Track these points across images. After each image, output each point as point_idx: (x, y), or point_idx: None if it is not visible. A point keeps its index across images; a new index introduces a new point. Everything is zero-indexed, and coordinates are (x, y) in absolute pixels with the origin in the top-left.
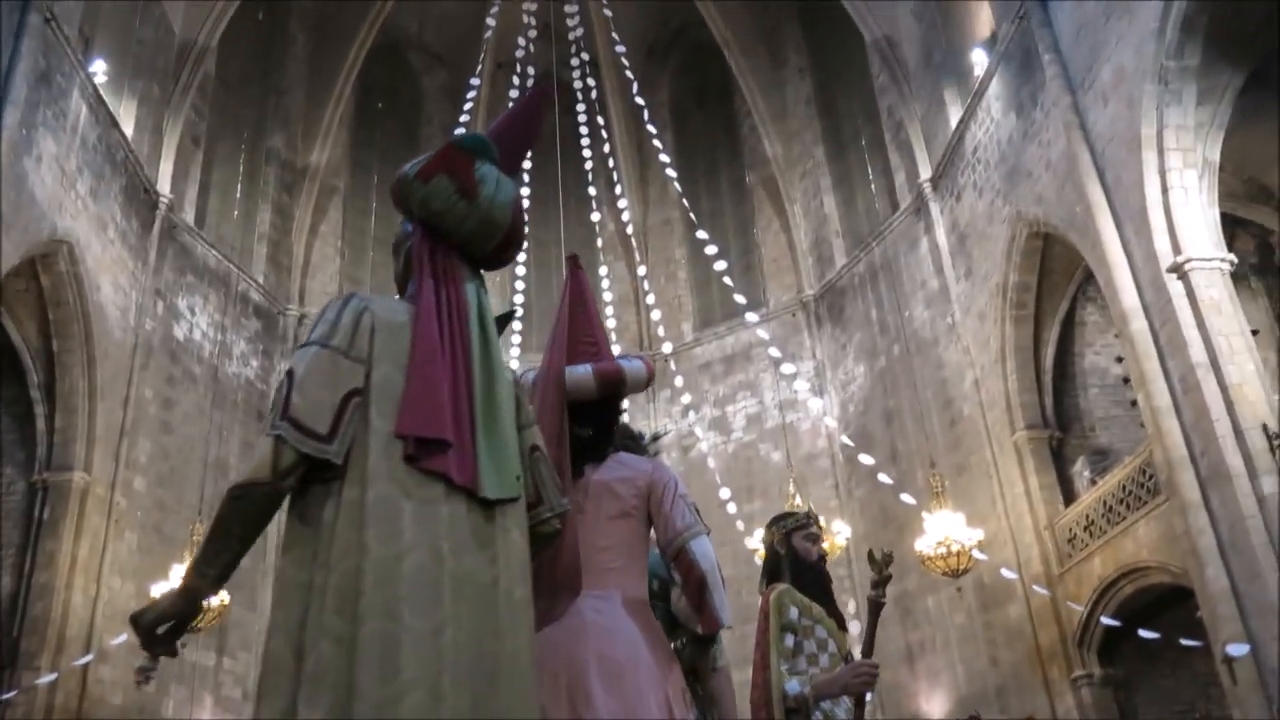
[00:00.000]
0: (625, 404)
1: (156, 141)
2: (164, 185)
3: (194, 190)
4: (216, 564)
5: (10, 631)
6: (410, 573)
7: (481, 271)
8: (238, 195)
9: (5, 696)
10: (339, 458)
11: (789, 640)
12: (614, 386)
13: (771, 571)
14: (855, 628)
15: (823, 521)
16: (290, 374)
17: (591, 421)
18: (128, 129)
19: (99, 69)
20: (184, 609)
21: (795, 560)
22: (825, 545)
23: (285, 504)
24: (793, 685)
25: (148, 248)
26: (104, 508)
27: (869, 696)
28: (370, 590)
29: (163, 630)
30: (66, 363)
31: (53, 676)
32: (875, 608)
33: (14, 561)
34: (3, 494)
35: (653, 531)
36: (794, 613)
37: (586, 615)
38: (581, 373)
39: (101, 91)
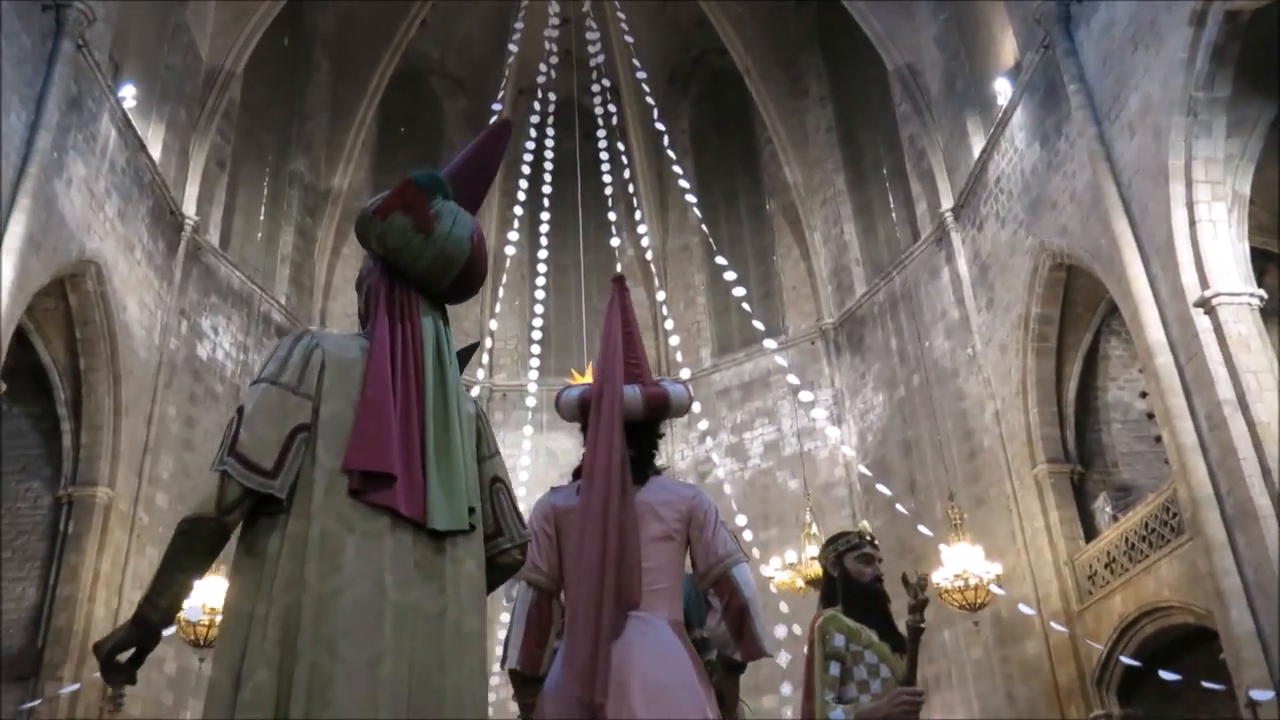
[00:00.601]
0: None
1: (183, 165)
2: (189, 207)
3: (219, 212)
4: (166, 595)
5: (34, 642)
6: (349, 606)
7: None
8: (261, 217)
9: (29, 705)
10: (282, 492)
11: (834, 668)
12: (660, 410)
13: (826, 595)
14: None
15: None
16: (240, 410)
17: (635, 442)
18: (155, 152)
19: (128, 94)
20: (139, 639)
21: (847, 582)
22: (879, 566)
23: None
24: (837, 714)
25: (173, 268)
26: (126, 523)
27: None
28: (308, 624)
29: (124, 659)
30: (93, 381)
31: (75, 686)
32: (914, 633)
33: (39, 574)
34: (29, 508)
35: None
36: (839, 639)
37: (631, 636)
38: (630, 394)
39: (130, 116)
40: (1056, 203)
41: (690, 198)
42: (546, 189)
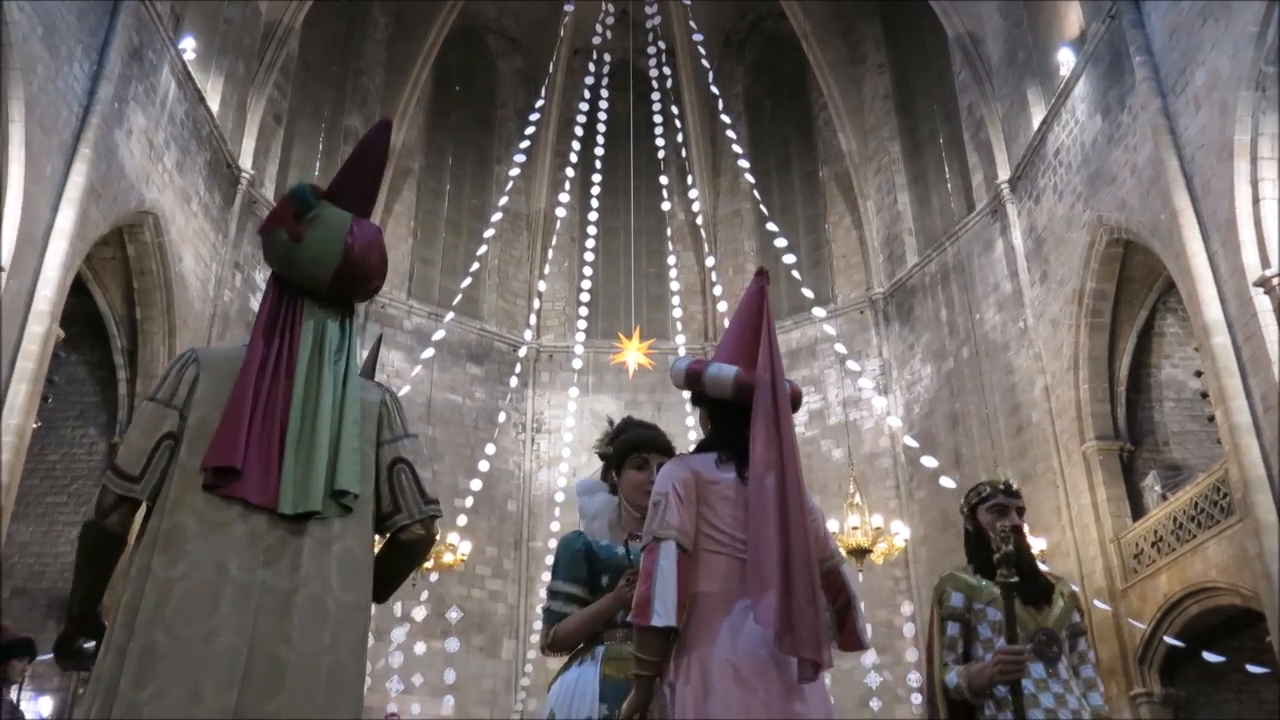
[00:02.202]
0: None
1: (240, 118)
2: (246, 161)
3: (274, 167)
4: (78, 593)
5: None
6: (189, 588)
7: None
8: (316, 172)
9: (86, 645)
10: (143, 494)
11: (952, 629)
12: (795, 406)
13: (967, 552)
14: (910, 629)
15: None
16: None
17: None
18: (213, 105)
19: (188, 46)
20: (74, 633)
21: (979, 536)
22: (1018, 515)
23: None
24: (950, 678)
25: (228, 221)
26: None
27: (1029, 685)
28: (149, 607)
29: (79, 647)
30: (148, 330)
31: None
32: (1006, 591)
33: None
34: (85, 454)
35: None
36: (957, 599)
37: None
38: (724, 375)
39: (190, 68)
40: (1116, 177)
41: (743, 163)
42: (599, 151)
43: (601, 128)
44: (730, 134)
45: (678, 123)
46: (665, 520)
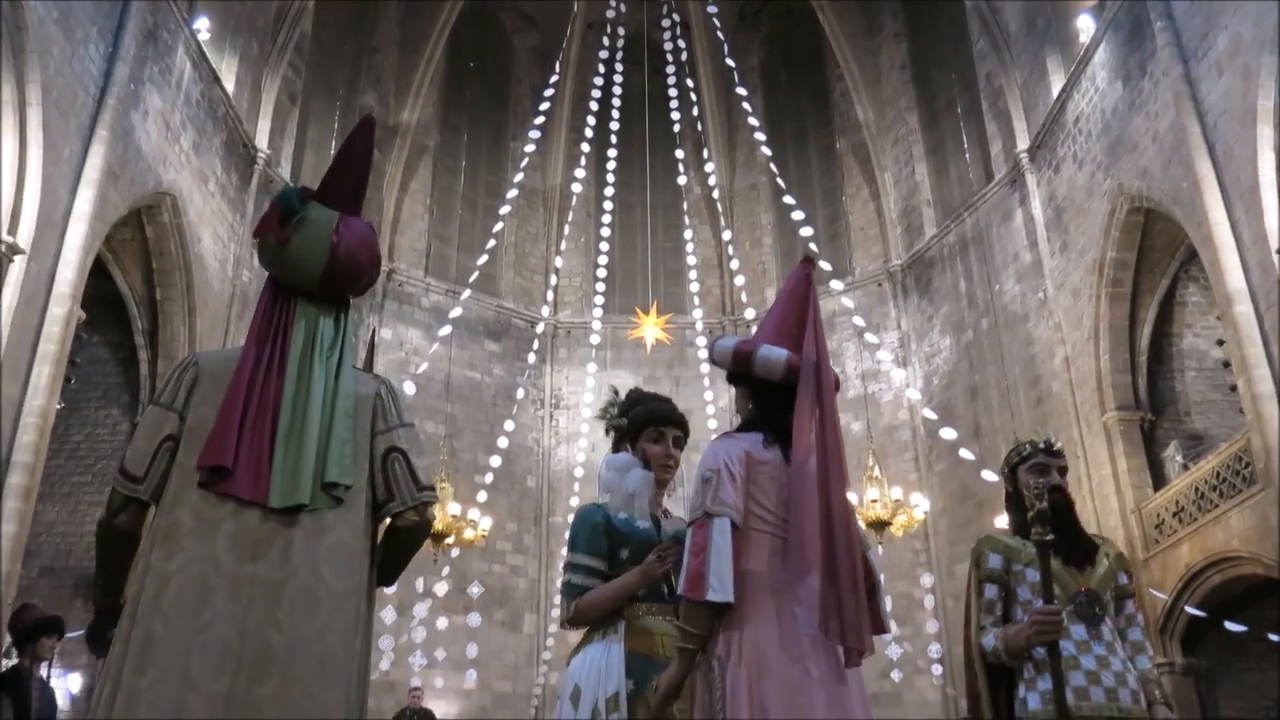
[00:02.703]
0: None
1: (255, 98)
2: (262, 141)
3: (290, 146)
4: (100, 584)
5: None
6: (185, 581)
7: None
8: (331, 151)
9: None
10: (147, 494)
11: (990, 591)
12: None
13: (1009, 515)
14: (930, 601)
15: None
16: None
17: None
18: (228, 85)
19: (202, 26)
20: (101, 621)
21: (1019, 498)
22: (1060, 474)
23: None
24: (987, 641)
25: (245, 201)
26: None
27: (1070, 646)
28: (149, 599)
29: (108, 636)
30: (169, 311)
31: None
32: (1042, 549)
33: None
34: (108, 434)
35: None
36: (995, 560)
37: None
38: (775, 357)
39: (204, 49)
40: (1137, 144)
41: (759, 136)
42: (614, 126)
43: (616, 102)
44: (746, 107)
45: (693, 96)
46: (719, 497)
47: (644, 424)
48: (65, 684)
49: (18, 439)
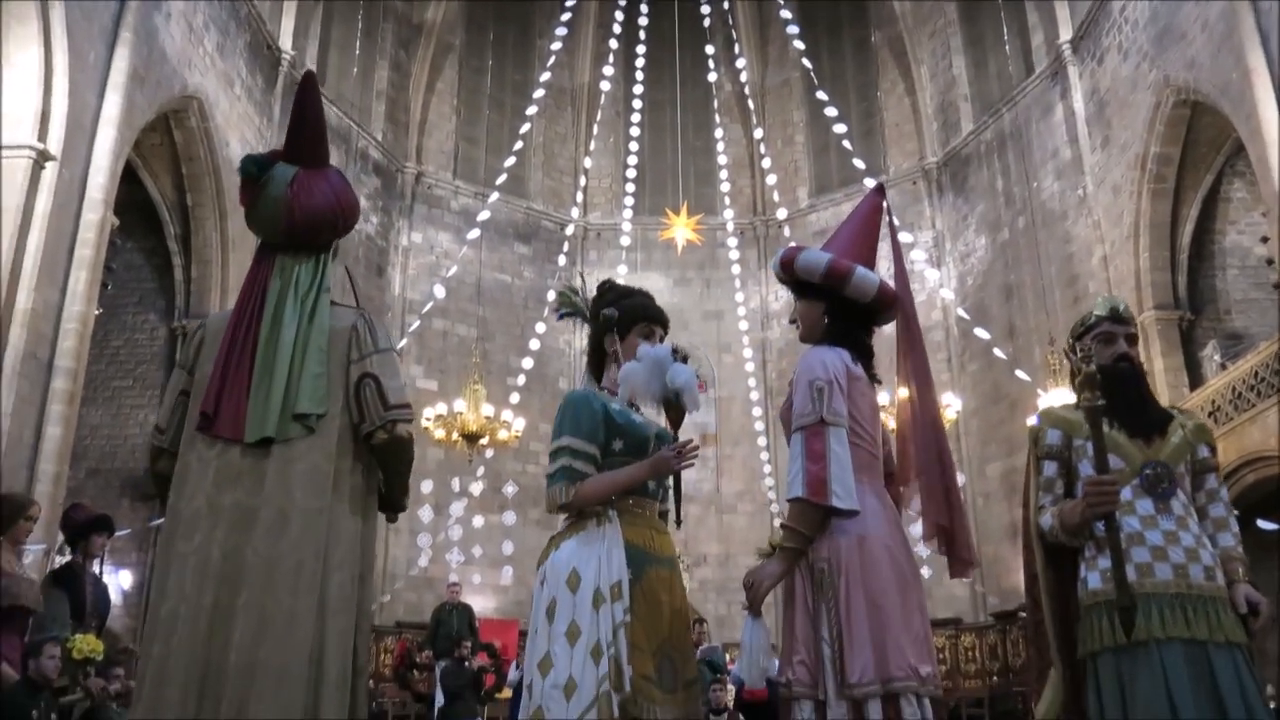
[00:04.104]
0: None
1: None
2: (285, 42)
3: (314, 47)
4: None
5: None
6: (186, 515)
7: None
8: (356, 52)
9: (156, 522)
10: (167, 443)
11: (1049, 469)
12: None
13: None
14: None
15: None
16: None
17: (867, 331)
18: None
19: None
20: None
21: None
22: (1127, 342)
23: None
24: (1045, 520)
25: (271, 103)
26: None
27: (1134, 522)
28: (164, 534)
29: None
30: (200, 216)
31: None
32: (1092, 415)
33: (159, 402)
34: (146, 339)
35: None
36: (1053, 436)
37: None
38: (871, 279)
39: None
40: (1186, 34)
41: (791, 29)
42: (642, 20)
43: None
44: None
45: None
46: (834, 408)
47: (638, 318)
48: (117, 580)
49: (59, 344)
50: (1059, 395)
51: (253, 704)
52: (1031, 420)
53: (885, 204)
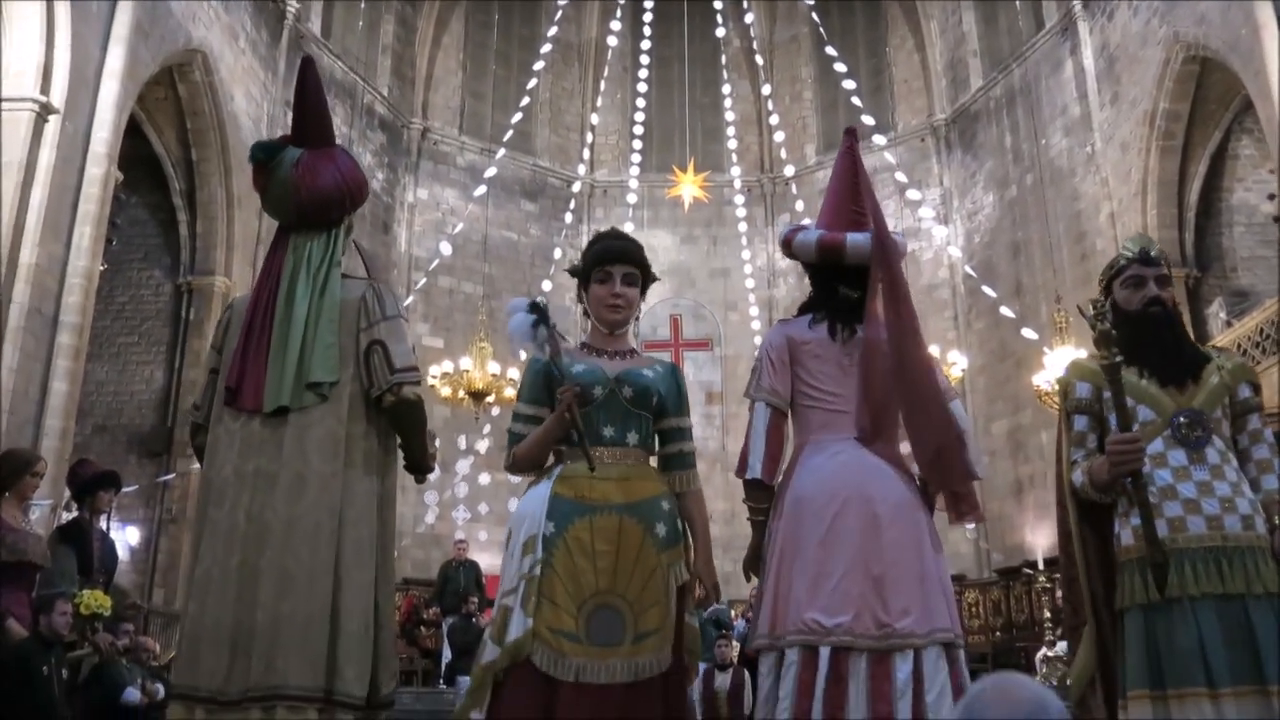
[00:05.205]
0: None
1: None
2: None
3: (319, 1)
4: None
5: (164, 421)
6: (216, 483)
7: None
8: (362, 6)
9: (164, 478)
10: (201, 418)
11: (1080, 423)
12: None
13: None
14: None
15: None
16: None
17: (860, 285)
18: None
19: None
20: None
21: (1115, 316)
22: (1158, 285)
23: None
24: (1076, 476)
25: (277, 58)
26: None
27: (1166, 475)
28: (200, 500)
29: None
30: (205, 171)
31: None
32: (1111, 373)
33: (164, 358)
34: (151, 295)
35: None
36: (1083, 389)
37: (869, 458)
38: (863, 240)
39: None
40: None
41: None
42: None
43: None
44: None
45: None
46: (759, 384)
47: (591, 266)
48: (124, 536)
49: (63, 299)
50: (1065, 353)
51: (280, 657)
52: (1037, 379)
53: (852, 145)
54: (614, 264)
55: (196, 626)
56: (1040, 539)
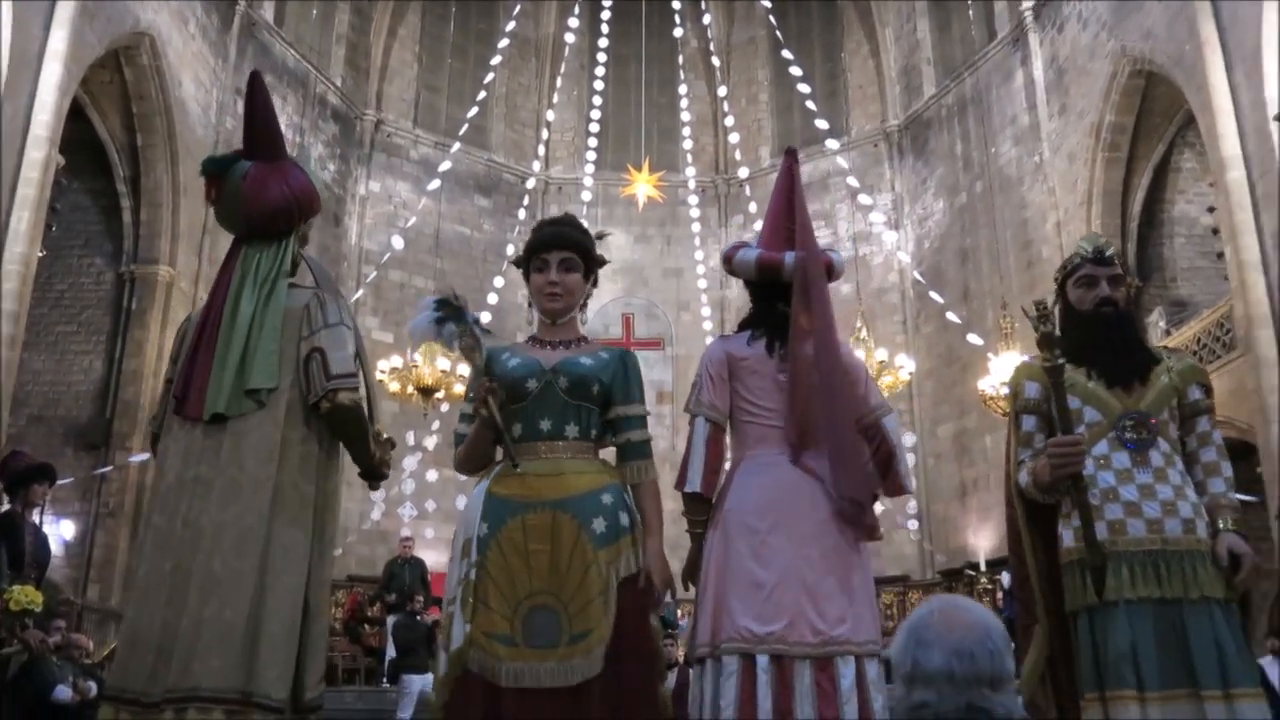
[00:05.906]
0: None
1: None
2: None
3: None
4: None
5: (103, 413)
6: (161, 491)
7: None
8: None
9: (101, 470)
10: (157, 427)
11: (1027, 423)
12: (832, 278)
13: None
14: (912, 460)
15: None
16: None
17: (788, 302)
18: None
19: None
20: None
21: (1067, 317)
22: (1109, 285)
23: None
24: (1022, 477)
25: (227, 44)
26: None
27: (1109, 477)
28: (148, 506)
29: None
30: (150, 158)
31: (144, 456)
32: (1053, 375)
33: (104, 348)
34: (92, 283)
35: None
36: (1032, 389)
37: (811, 468)
38: (795, 260)
39: None
40: (1143, 4)
41: None
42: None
43: None
44: None
45: None
46: (699, 399)
47: (529, 254)
48: (58, 530)
49: (0, 286)
50: (1010, 359)
51: (197, 660)
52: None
53: (791, 166)
54: (549, 251)
55: (132, 629)
56: (983, 541)
